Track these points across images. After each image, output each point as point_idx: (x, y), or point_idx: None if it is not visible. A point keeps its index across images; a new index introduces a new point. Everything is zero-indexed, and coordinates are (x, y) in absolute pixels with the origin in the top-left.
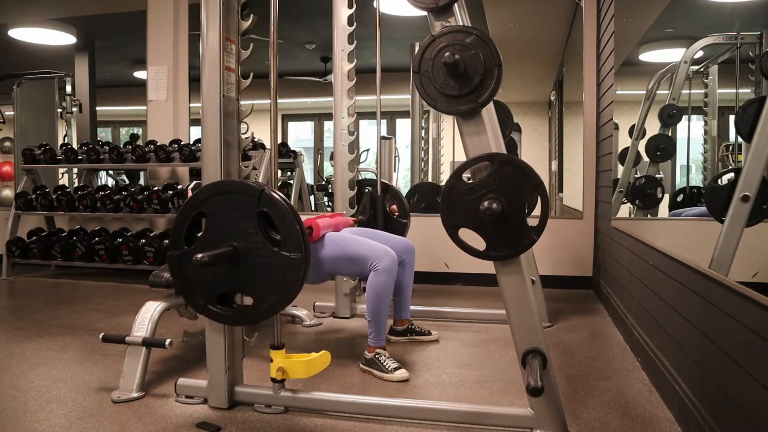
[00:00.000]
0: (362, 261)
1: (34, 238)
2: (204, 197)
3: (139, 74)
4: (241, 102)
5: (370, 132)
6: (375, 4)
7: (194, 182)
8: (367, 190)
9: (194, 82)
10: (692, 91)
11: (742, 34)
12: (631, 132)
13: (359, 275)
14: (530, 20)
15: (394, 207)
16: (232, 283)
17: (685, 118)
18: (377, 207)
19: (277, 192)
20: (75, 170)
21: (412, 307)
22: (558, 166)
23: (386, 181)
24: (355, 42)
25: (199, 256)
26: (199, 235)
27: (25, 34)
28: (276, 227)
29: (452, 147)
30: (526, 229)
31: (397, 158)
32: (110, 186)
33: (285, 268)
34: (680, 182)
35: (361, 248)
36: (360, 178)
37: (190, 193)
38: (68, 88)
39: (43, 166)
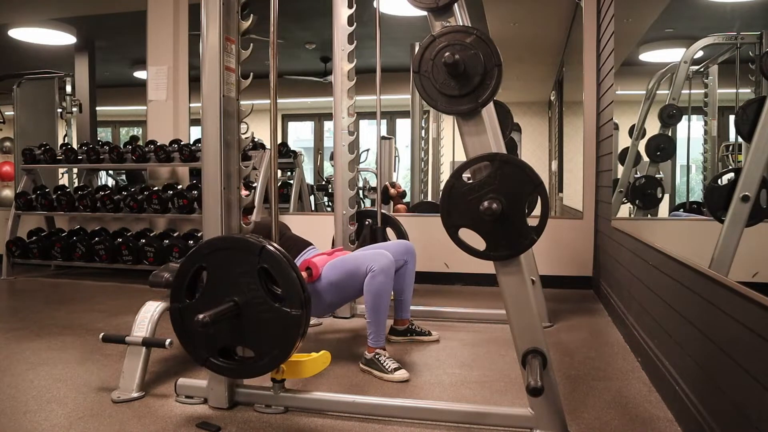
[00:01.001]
0: (359, 269)
1: (34, 238)
2: (205, 252)
3: (139, 74)
4: (241, 102)
5: (370, 132)
6: (375, 4)
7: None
8: (367, 222)
9: (194, 82)
10: (692, 91)
11: (742, 34)
12: (631, 132)
13: (360, 287)
14: (530, 20)
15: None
16: (233, 337)
17: (685, 118)
18: (377, 239)
19: (278, 248)
20: (75, 170)
21: (412, 307)
22: (558, 166)
23: (386, 212)
24: (355, 42)
25: (201, 316)
26: (200, 287)
27: (25, 34)
28: (276, 282)
29: (452, 147)
30: (526, 229)
31: (397, 158)
32: (110, 186)
33: (286, 323)
34: (680, 182)
35: (355, 259)
36: (360, 180)
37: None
38: (68, 88)
39: (43, 166)
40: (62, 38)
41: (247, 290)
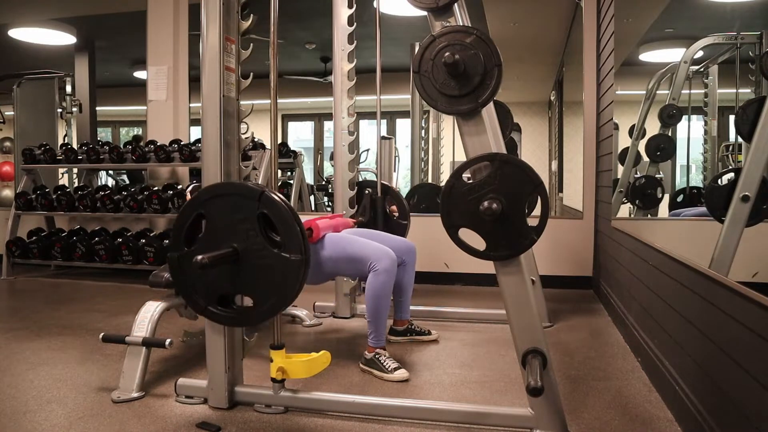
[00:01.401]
0: (362, 261)
1: (34, 238)
2: (204, 198)
3: (139, 74)
4: (241, 102)
5: (370, 132)
6: (375, 4)
7: (192, 185)
8: (367, 191)
9: (194, 82)
10: (692, 91)
11: (742, 34)
12: (631, 132)
13: (359, 275)
14: (530, 20)
15: (394, 208)
16: (232, 285)
17: (685, 118)
18: (377, 208)
19: (277, 194)
20: (75, 170)
21: (412, 307)
22: (558, 166)
23: (386, 183)
24: (355, 42)
25: (199, 257)
26: (199, 236)
27: (25, 34)
28: (276, 229)
29: (452, 147)
30: (526, 229)
31: (397, 158)
32: (110, 186)
33: (285, 269)
34: (680, 182)
35: (361, 249)
36: (360, 179)
37: (188, 196)
38: (68, 88)
39: (43, 166)
40: (62, 38)
41: (246, 237)
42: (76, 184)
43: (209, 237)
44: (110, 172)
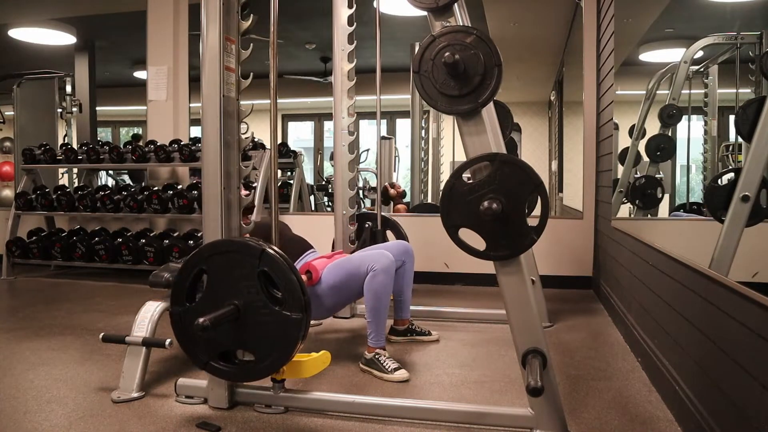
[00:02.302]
0: (359, 269)
1: (34, 238)
2: (206, 255)
3: (139, 74)
4: (241, 102)
5: (370, 132)
6: (375, 4)
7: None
8: (367, 225)
9: (194, 82)
10: (692, 91)
11: (742, 34)
12: (631, 132)
13: (361, 288)
14: (530, 20)
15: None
16: (234, 340)
17: (685, 118)
18: (378, 241)
19: (278, 251)
20: (75, 170)
21: (412, 307)
22: (558, 166)
23: (386, 215)
24: (355, 42)
25: (201, 320)
26: (200, 292)
27: (25, 34)
28: (277, 286)
29: (452, 147)
30: (526, 229)
31: (397, 158)
32: (110, 186)
33: (286, 327)
34: (680, 182)
35: (355, 260)
36: (360, 180)
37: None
38: (68, 88)
39: (43, 166)
40: (62, 38)
41: (248, 293)
42: (76, 184)
43: (210, 293)
44: (110, 172)
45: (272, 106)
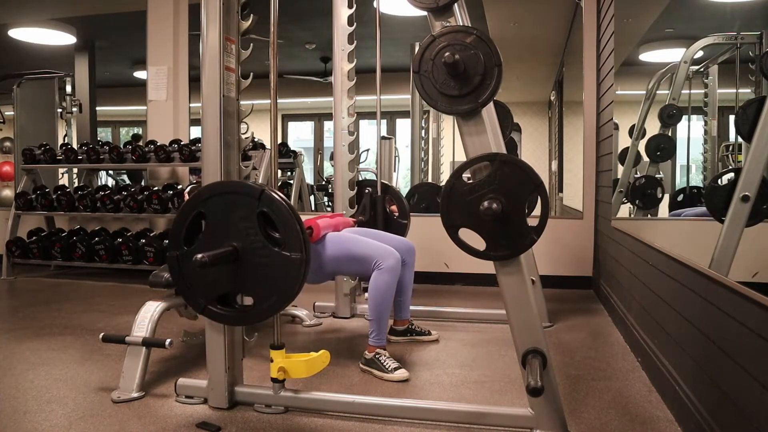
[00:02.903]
0: (366, 261)
1: (34, 238)
2: (204, 197)
3: (139, 74)
4: (241, 102)
5: (370, 132)
6: (375, 4)
7: (190, 186)
8: (367, 190)
9: (194, 82)
10: (692, 91)
11: (742, 34)
12: (631, 132)
13: (362, 275)
14: (530, 20)
15: (394, 207)
16: (233, 284)
17: (685, 118)
18: (377, 207)
19: (277, 192)
20: (75, 170)
21: (412, 307)
22: (558, 166)
23: (386, 182)
24: (355, 42)
25: (199, 256)
26: (199, 235)
27: (25, 34)
28: (276, 227)
29: (452, 147)
30: (526, 229)
31: (397, 158)
32: (110, 186)
33: (285, 268)
34: (680, 182)
35: (365, 248)
36: (360, 179)
37: (186, 197)
38: (68, 88)
39: (43, 166)
40: (62, 38)
41: (246, 235)
42: (76, 184)
43: (209, 236)
44: (110, 172)
45: (272, 106)
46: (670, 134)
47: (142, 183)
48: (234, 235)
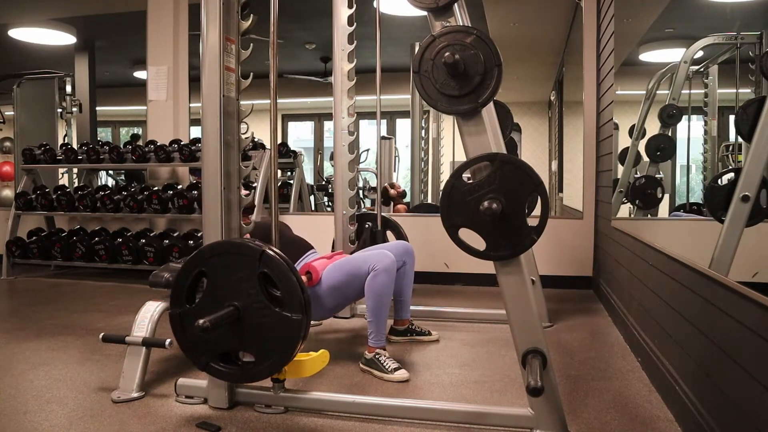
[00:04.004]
0: (361, 269)
1: (34, 238)
2: (205, 257)
3: (139, 74)
4: (241, 102)
5: (370, 132)
6: (375, 4)
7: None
8: (367, 225)
9: (194, 82)
10: (692, 91)
11: (742, 34)
12: (631, 132)
13: (361, 288)
14: (530, 20)
15: (401, 207)
16: (234, 342)
17: (685, 118)
18: (377, 242)
19: (278, 252)
20: (75, 170)
21: (412, 307)
22: (558, 166)
23: (386, 215)
24: (355, 42)
25: (201, 321)
26: (200, 293)
27: (25, 34)
28: (277, 286)
29: (452, 147)
30: (526, 229)
31: (397, 158)
32: (110, 186)
33: (286, 328)
34: (680, 182)
35: (357, 260)
36: (360, 180)
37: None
38: (68, 88)
39: (43, 166)
40: (62, 38)
41: (247, 295)
42: (76, 184)
43: (210, 294)
44: (110, 172)
45: (272, 106)
46: (670, 134)
47: (134, 183)
48: (235, 294)
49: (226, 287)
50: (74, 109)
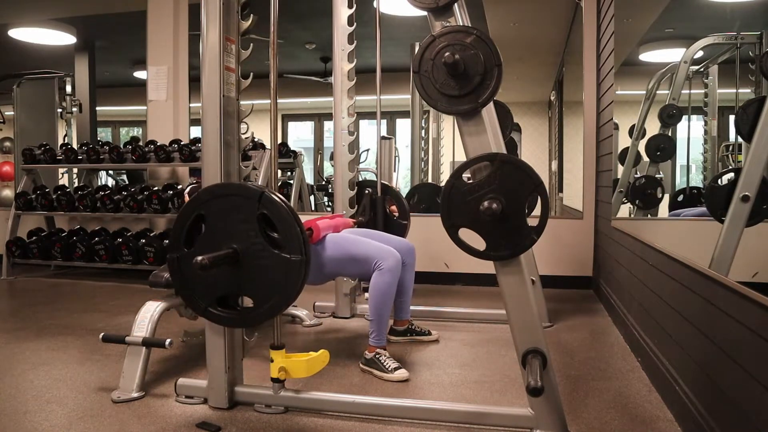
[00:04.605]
0: (366, 261)
1: (34, 238)
2: (204, 199)
3: (139, 74)
4: (241, 102)
5: (370, 132)
6: (375, 4)
7: (190, 186)
8: (367, 191)
9: (194, 82)
10: (692, 91)
11: (742, 34)
12: (631, 132)
13: (362, 275)
14: (530, 20)
15: (394, 208)
16: (233, 285)
17: (685, 118)
18: (377, 208)
19: (277, 194)
20: (75, 170)
21: (412, 307)
22: (558, 166)
23: (386, 182)
24: (355, 42)
25: (199, 258)
26: (199, 236)
27: (25, 34)
28: (276, 229)
29: (452, 147)
30: (526, 229)
31: (397, 158)
32: (110, 186)
33: (285, 270)
34: (680, 182)
35: (365, 248)
36: (360, 179)
37: (186, 198)
38: (68, 88)
39: (43, 166)
40: (62, 38)
41: (246, 237)
42: (76, 184)
43: (209, 238)
44: (110, 172)
45: (272, 106)
46: (670, 134)
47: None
48: (234, 236)
49: (225, 230)
50: (74, 109)
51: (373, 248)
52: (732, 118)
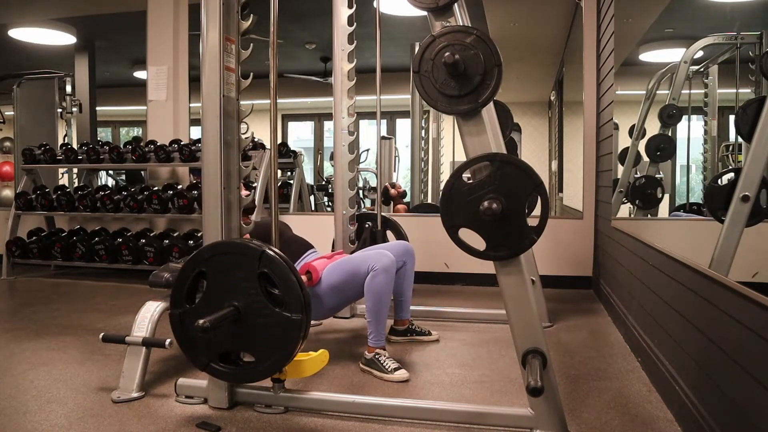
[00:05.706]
0: (360, 269)
1: (34, 238)
2: (205, 257)
3: (139, 74)
4: (241, 102)
5: (370, 132)
6: (375, 4)
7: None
8: (367, 225)
9: (194, 82)
10: (692, 91)
11: (742, 34)
12: (631, 132)
13: (361, 288)
14: (530, 20)
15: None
16: (234, 342)
17: (685, 118)
18: (377, 241)
19: (277, 252)
20: (75, 170)
21: (412, 307)
22: (558, 166)
23: (386, 215)
24: (355, 42)
25: (201, 321)
26: (200, 293)
27: (25, 34)
28: (276, 285)
29: (452, 147)
30: (526, 229)
31: (397, 158)
32: (110, 186)
33: (286, 328)
34: (680, 182)
35: (356, 259)
36: (360, 180)
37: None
38: (68, 88)
39: (43, 166)
40: (62, 38)
41: (247, 295)
42: (76, 184)
43: (211, 294)
44: (110, 172)
45: (272, 106)
46: (670, 134)
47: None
48: (235, 293)
49: (226, 287)
50: (74, 109)
51: (364, 255)
52: (732, 118)
